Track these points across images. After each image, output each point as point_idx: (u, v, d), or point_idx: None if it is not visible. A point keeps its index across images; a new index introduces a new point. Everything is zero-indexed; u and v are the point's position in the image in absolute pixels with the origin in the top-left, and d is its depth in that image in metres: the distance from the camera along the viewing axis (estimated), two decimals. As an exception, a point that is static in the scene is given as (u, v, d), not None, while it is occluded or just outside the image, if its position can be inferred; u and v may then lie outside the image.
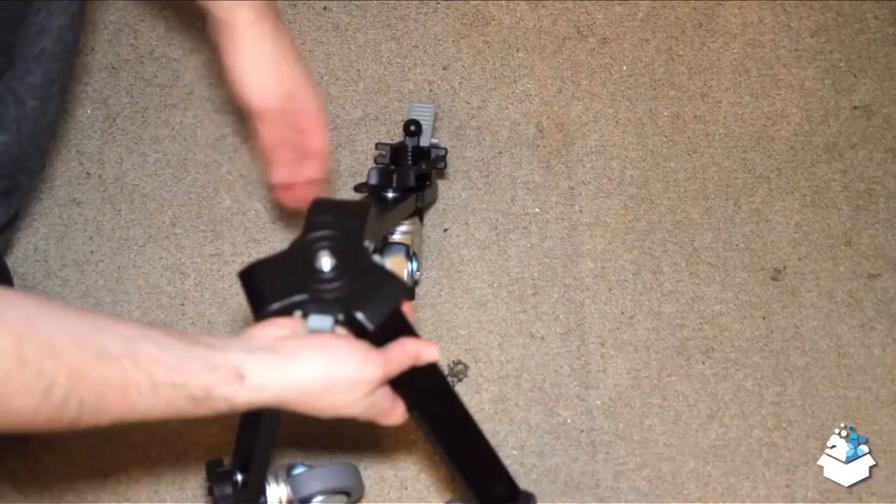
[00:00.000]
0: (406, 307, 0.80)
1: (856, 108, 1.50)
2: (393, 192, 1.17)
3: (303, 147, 1.03)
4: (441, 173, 1.38)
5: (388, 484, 1.22)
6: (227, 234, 1.34)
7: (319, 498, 1.09)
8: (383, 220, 1.07)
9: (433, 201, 1.36)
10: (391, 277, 0.78)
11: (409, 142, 1.22)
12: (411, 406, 0.84)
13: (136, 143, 1.39)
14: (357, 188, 1.20)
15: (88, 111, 1.40)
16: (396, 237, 1.22)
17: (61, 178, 1.36)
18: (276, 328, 0.74)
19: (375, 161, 1.25)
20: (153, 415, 0.67)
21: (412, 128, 1.21)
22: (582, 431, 1.26)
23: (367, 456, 1.23)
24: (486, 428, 1.25)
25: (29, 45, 0.92)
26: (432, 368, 0.82)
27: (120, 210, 1.35)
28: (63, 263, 1.31)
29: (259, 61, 0.87)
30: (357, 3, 1.50)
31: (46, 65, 0.94)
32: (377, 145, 1.27)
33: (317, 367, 0.71)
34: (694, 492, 1.25)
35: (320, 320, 0.76)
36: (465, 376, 1.28)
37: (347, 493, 1.13)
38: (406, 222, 1.23)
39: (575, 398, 1.28)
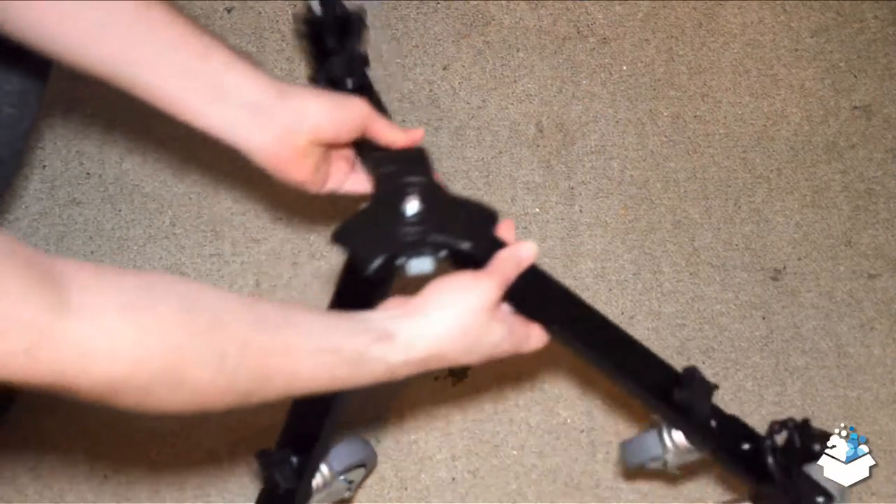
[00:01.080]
0: (505, 228, 0.82)
1: (856, 108, 1.50)
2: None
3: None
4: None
5: (388, 484, 1.22)
6: (227, 234, 1.34)
7: (343, 476, 1.09)
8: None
9: None
10: (479, 204, 0.82)
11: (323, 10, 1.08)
12: (543, 323, 0.84)
13: (136, 143, 1.39)
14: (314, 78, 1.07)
15: (88, 111, 1.40)
16: None
17: (61, 178, 1.36)
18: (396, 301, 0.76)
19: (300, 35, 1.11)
20: (316, 383, 0.68)
21: None
22: (582, 431, 1.26)
23: (367, 456, 1.23)
24: (486, 428, 1.26)
25: (4, 53, 0.92)
26: (534, 272, 0.84)
27: (120, 210, 1.35)
28: (63, 263, 1.31)
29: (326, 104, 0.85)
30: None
31: (25, 73, 0.94)
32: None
33: (445, 309, 0.73)
34: (694, 492, 1.25)
35: (420, 263, 0.80)
36: (465, 376, 1.28)
37: (364, 465, 1.14)
38: None
39: (575, 398, 1.28)
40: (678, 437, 0.98)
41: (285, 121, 0.81)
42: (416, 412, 1.26)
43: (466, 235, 0.80)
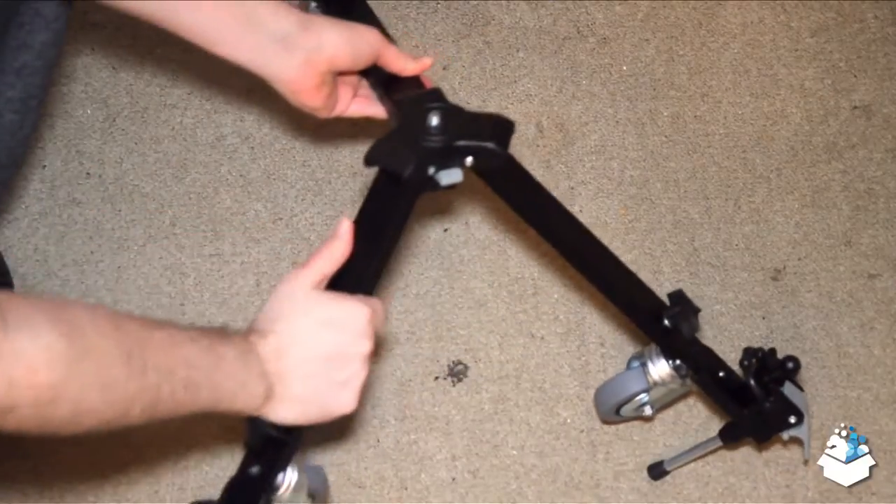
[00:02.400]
0: None
1: (856, 108, 1.50)
2: None
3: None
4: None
5: (388, 484, 1.22)
6: (227, 234, 1.34)
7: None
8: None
9: None
10: (494, 114, 0.89)
11: None
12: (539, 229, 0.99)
13: (136, 143, 1.39)
14: None
15: (88, 111, 1.40)
16: None
17: (61, 178, 1.36)
18: None
19: None
20: (206, 367, 0.73)
21: None
22: (582, 431, 1.26)
23: (367, 456, 1.23)
24: (486, 428, 1.26)
25: (10, 60, 0.92)
26: (549, 200, 0.97)
27: (120, 210, 1.35)
28: (63, 263, 1.31)
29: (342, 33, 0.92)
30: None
31: (27, 80, 0.95)
32: None
33: (273, 295, 0.80)
34: (694, 492, 1.25)
35: (450, 174, 0.86)
36: (465, 376, 1.28)
37: (313, 497, 1.11)
38: None
39: (575, 398, 1.28)
40: (662, 367, 1.08)
41: (307, 52, 0.87)
42: (416, 412, 1.26)
43: (489, 138, 0.86)
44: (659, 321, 1.05)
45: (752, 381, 1.05)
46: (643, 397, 1.12)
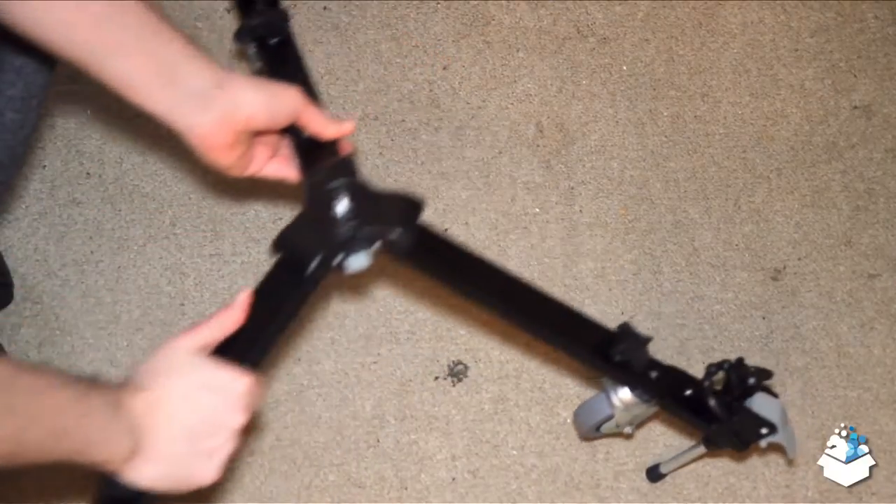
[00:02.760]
0: None
1: (856, 108, 1.50)
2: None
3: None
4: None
5: (388, 484, 1.22)
6: (227, 234, 1.34)
7: None
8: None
9: None
10: (405, 194, 0.87)
11: None
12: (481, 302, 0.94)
13: (135, 143, 1.39)
14: (238, 36, 1.05)
15: (88, 111, 1.40)
16: None
17: (61, 178, 1.36)
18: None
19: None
20: (75, 415, 0.72)
21: None
22: (582, 431, 1.27)
23: (367, 456, 1.23)
24: (486, 428, 1.26)
25: (10, 58, 0.92)
26: (461, 253, 0.94)
27: (120, 210, 1.35)
28: (63, 263, 1.31)
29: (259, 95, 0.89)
30: (357, 3, 1.50)
31: (27, 78, 0.95)
32: None
33: (154, 351, 0.79)
34: (694, 492, 1.25)
35: (357, 260, 0.84)
36: (465, 376, 1.28)
37: None
38: None
39: (575, 398, 1.28)
40: (624, 393, 1.05)
41: (224, 110, 0.84)
42: (416, 412, 1.26)
43: (395, 224, 0.84)
44: (610, 358, 1.01)
45: (712, 402, 1.02)
46: (614, 418, 1.09)
